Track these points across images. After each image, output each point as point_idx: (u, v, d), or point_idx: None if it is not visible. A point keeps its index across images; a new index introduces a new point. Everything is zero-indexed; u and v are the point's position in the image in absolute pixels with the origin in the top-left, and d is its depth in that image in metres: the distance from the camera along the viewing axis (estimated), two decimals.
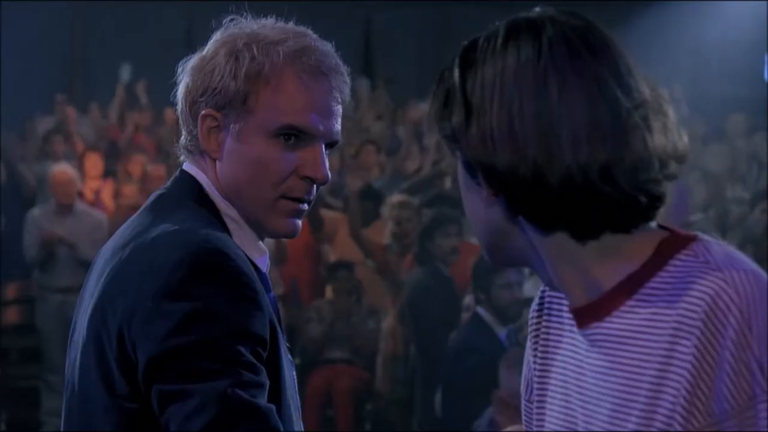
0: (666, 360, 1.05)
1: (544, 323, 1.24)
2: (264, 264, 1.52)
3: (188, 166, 1.55)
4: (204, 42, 1.76)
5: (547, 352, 1.22)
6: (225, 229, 1.48)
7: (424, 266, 5.07)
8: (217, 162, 1.51)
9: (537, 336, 1.24)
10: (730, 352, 1.01)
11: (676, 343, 1.05)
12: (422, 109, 10.83)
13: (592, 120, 1.05)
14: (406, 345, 5.27)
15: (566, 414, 1.17)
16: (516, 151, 1.05)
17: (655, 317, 1.07)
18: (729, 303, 1.02)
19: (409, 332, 5.19)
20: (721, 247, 1.09)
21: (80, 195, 6.88)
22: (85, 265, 6.37)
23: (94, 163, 7.82)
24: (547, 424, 1.20)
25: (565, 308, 1.18)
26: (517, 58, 1.07)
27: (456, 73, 1.11)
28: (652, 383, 1.06)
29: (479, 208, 1.13)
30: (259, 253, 1.52)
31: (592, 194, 1.05)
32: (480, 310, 4.30)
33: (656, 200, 1.09)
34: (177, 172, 1.56)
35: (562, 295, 1.18)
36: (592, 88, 1.05)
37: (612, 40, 1.10)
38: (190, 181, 1.52)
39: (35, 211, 6.75)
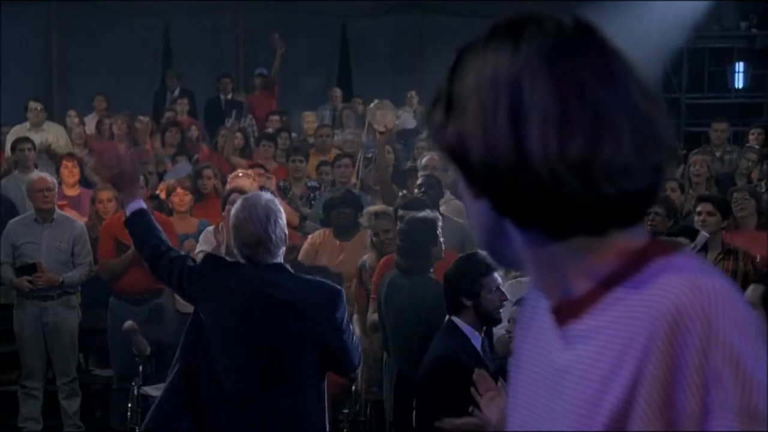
0: (618, 358, 1.04)
1: (525, 322, 1.25)
2: None
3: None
4: (181, 51, 1.84)
5: (522, 349, 1.24)
6: None
7: (423, 271, 5.00)
8: None
9: (519, 333, 1.26)
10: (690, 359, 0.99)
11: (632, 340, 1.03)
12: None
13: (563, 118, 1.03)
14: (383, 348, 5.27)
15: (530, 411, 1.17)
16: (488, 149, 1.05)
17: (621, 316, 1.06)
18: (697, 309, 1.00)
19: (387, 335, 5.20)
20: (699, 259, 1.09)
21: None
22: None
23: (71, 170, 7.79)
24: (511, 422, 1.22)
25: (542, 309, 1.18)
26: (495, 60, 1.06)
27: (447, 75, 1.11)
28: (600, 380, 1.05)
29: (472, 208, 1.14)
30: None
31: (560, 192, 1.04)
32: (456, 318, 4.22)
33: (633, 204, 1.07)
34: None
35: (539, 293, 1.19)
36: (566, 87, 1.04)
37: (604, 40, 1.08)
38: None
39: (12, 223, 6.66)
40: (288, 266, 3.74)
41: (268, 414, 3.61)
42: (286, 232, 3.70)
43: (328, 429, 3.82)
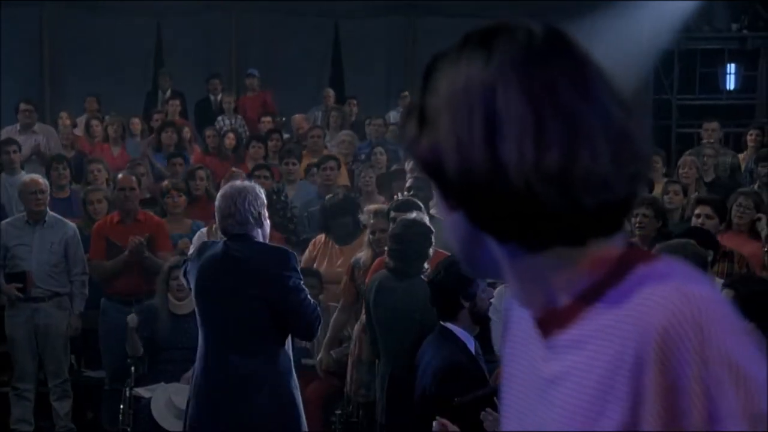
0: (611, 370, 1.03)
1: (512, 328, 1.24)
2: None
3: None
4: (174, 52, 1.84)
5: (510, 356, 1.23)
6: None
7: (417, 273, 4.98)
8: None
9: (506, 340, 1.26)
10: (689, 370, 0.99)
11: (623, 353, 1.02)
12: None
13: (538, 127, 1.02)
14: (372, 349, 5.26)
15: (519, 419, 1.17)
16: (463, 160, 1.04)
17: (608, 326, 1.04)
18: (689, 318, 0.99)
19: (378, 337, 5.19)
20: (682, 266, 1.08)
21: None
22: None
23: (60, 173, 7.74)
24: (504, 426, 1.22)
25: (527, 317, 1.18)
26: (467, 69, 1.05)
27: (420, 87, 1.10)
28: (595, 392, 1.05)
29: (447, 219, 1.13)
30: None
31: (537, 203, 1.03)
32: (448, 324, 4.11)
33: (611, 214, 1.07)
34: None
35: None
36: (541, 95, 1.02)
37: (577, 48, 1.07)
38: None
39: (3, 224, 6.63)
40: (253, 237, 4.14)
41: (229, 373, 4.02)
42: (261, 212, 4.15)
43: (295, 393, 4.10)
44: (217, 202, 4.20)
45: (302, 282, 4.18)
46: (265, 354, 4.06)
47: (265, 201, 4.24)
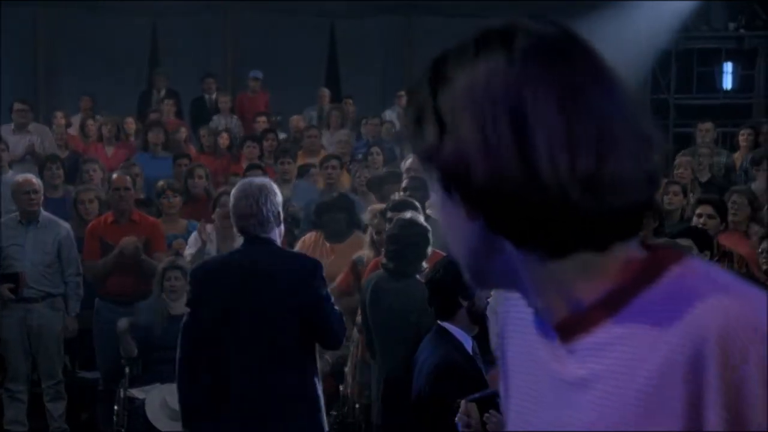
0: (661, 373, 1.01)
1: (510, 331, 1.23)
2: None
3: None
4: (169, 52, 1.81)
5: (509, 360, 1.22)
6: None
7: (413, 274, 4.96)
8: None
9: (505, 343, 1.24)
10: (754, 374, 0.97)
11: (675, 352, 1.00)
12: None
13: (569, 131, 1.00)
14: (368, 349, 5.25)
15: (529, 422, 1.15)
16: (491, 165, 1.00)
17: (647, 330, 1.02)
18: (750, 320, 0.98)
19: (374, 338, 5.17)
20: (716, 266, 1.07)
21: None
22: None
23: (54, 172, 7.71)
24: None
25: (529, 320, 1.16)
26: (488, 69, 1.01)
27: (426, 88, 1.05)
28: (639, 396, 1.02)
29: (458, 229, 1.09)
30: None
31: (570, 209, 1.01)
32: (445, 324, 4.16)
33: (636, 215, 1.06)
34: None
35: (519, 303, 1.16)
36: (567, 98, 1.00)
37: (592, 49, 1.05)
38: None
39: None
40: (276, 241, 4.00)
41: (269, 391, 3.89)
42: (280, 211, 4.00)
43: (322, 402, 4.01)
44: (233, 201, 4.00)
45: (328, 291, 4.09)
46: (301, 368, 3.97)
47: (281, 199, 4.09)
